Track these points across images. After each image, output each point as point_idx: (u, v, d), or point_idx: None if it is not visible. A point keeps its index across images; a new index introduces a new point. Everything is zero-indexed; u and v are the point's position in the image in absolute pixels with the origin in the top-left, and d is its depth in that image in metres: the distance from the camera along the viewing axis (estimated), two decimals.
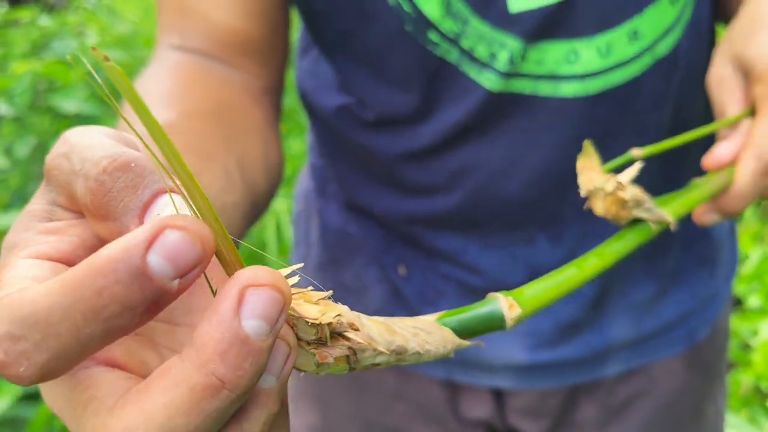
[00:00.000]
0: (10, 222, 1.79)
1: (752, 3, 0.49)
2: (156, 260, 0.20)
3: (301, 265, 0.24)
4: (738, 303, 1.77)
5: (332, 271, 0.68)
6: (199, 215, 0.21)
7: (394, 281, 0.64)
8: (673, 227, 0.40)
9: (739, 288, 1.73)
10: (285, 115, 2.37)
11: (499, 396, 0.65)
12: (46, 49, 2.40)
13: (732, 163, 0.46)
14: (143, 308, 0.20)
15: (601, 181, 0.37)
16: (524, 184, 0.55)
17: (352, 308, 0.65)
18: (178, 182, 0.21)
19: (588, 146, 0.39)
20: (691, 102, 0.58)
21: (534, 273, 0.59)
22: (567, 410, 0.65)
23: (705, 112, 0.59)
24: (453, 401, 0.66)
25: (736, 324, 1.65)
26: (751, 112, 0.47)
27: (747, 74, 0.47)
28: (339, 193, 0.67)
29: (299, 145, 2.28)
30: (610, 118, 0.54)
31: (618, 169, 0.40)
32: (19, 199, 2.07)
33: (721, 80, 0.48)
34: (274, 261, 1.88)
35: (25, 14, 2.71)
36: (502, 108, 0.53)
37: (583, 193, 0.38)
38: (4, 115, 2.13)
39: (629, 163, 0.41)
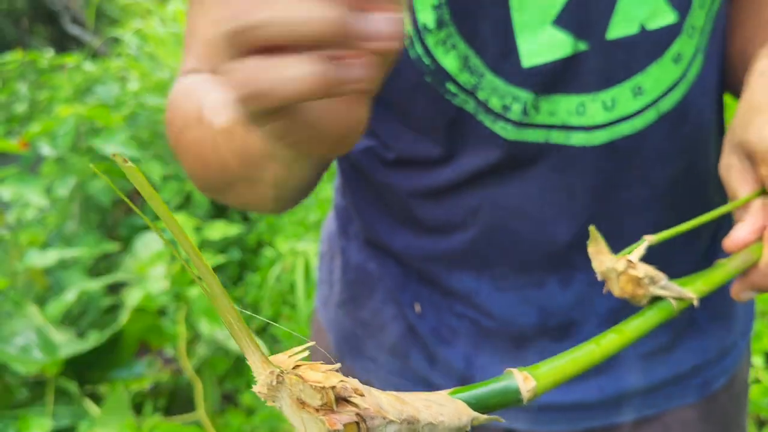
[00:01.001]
0: (48, 261, 1.84)
1: (748, 92, 0.51)
2: None
3: (312, 343, 0.26)
4: None
5: (352, 308, 0.70)
6: (202, 279, 0.24)
7: (410, 319, 0.66)
8: (695, 303, 0.40)
9: None
10: None
11: None
12: (90, 93, 2.49)
13: (752, 242, 0.47)
14: None
15: (612, 261, 0.38)
16: (535, 225, 0.57)
17: (368, 344, 0.69)
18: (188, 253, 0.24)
19: (594, 232, 0.39)
20: (704, 158, 0.59)
21: (544, 315, 0.60)
22: None
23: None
24: None
25: None
26: (763, 191, 0.49)
27: (751, 158, 0.49)
28: (360, 231, 0.69)
29: (332, 190, 2.31)
30: (617, 169, 0.56)
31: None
32: (57, 238, 2.12)
33: (729, 168, 0.50)
34: (284, 330, 1.89)
35: (70, 59, 2.82)
36: (517, 155, 0.55)
37: (598, 277, 0.39)
38: (46, 155, 2.21)
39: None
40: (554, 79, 0.52)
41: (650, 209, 0.58)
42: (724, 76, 0.60)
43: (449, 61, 0.52)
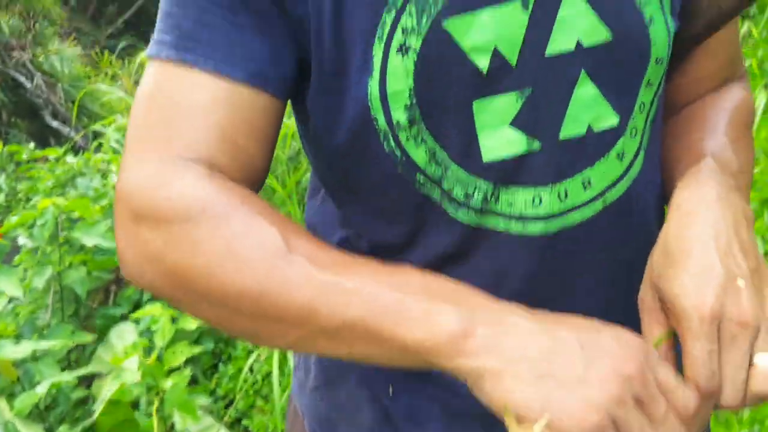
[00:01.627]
0: (22, 354, 1.81)
1: (666, 225, 0.57)
2: None
3: None
4: None
5: (327, 392, 0.72)
6: None
7: (384, 402, 0.68)
8: None
9: None
10: None
11: None
12: (71, 185, 2.53)
13: None
14: None
15: None
16: None
17: (343, 428, 0.74)
18: None
19: (507, 409, 0.50)
20: (647, 249, 0.64)
21: None
22: None
23: None
24: None
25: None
26: (672, 333, 0.54)
27: (662, 303, 0.54)
28: None
29: None
30: (570, 253, 0.61)
31: None
32: (29, 329, 2.10)
33: (643, 303, 0.56)
34: None
35: (52, 153, 2.87)
36: (478, 240, 0.60)
37: None
38: (23, 245, 2.22)
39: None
40: (511, 172, 0.58)
41: (594, 295, 0.63)
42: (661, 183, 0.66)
43: (419, 155, 0.58)
